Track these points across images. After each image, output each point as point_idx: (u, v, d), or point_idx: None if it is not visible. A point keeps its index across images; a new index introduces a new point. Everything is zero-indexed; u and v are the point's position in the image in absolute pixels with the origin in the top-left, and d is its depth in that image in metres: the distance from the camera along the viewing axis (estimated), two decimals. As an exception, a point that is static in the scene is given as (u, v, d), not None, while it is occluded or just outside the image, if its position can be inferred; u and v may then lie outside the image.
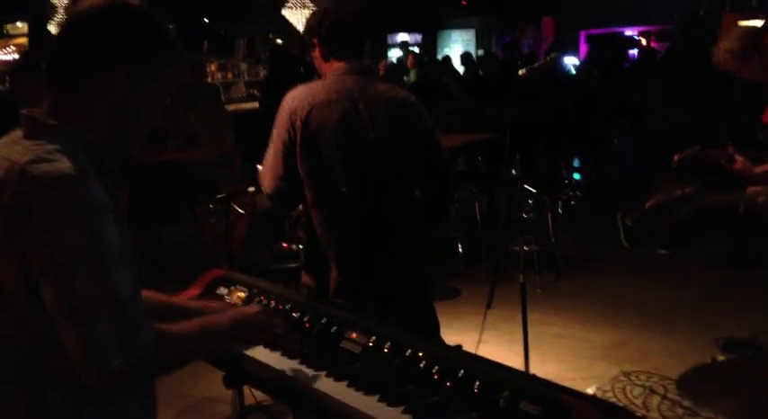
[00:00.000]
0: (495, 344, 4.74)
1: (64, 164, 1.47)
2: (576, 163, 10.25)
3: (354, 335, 2.04)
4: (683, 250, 6.82)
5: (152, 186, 6.29)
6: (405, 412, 1.70)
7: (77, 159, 1.50)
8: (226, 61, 13.18)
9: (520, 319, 4.13)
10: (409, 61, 12.53)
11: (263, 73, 12.27)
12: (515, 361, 3.75)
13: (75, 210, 1.44)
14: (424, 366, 1.84)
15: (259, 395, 3.76)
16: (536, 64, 4.91)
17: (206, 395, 4.38)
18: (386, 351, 1.94)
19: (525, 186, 5.03)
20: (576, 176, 10.00)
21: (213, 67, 12.52)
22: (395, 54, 16.74)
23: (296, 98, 2.83)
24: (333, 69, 2.87)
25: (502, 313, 4.93)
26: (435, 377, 1.80)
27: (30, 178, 1.45)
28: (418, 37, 17.80)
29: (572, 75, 11.38)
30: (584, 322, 5.40)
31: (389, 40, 17.95)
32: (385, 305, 2.76)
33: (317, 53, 2.92)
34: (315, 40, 2.89)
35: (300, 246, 3.29)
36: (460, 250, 6.65)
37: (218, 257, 5.13)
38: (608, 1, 17.36)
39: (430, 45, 17.88)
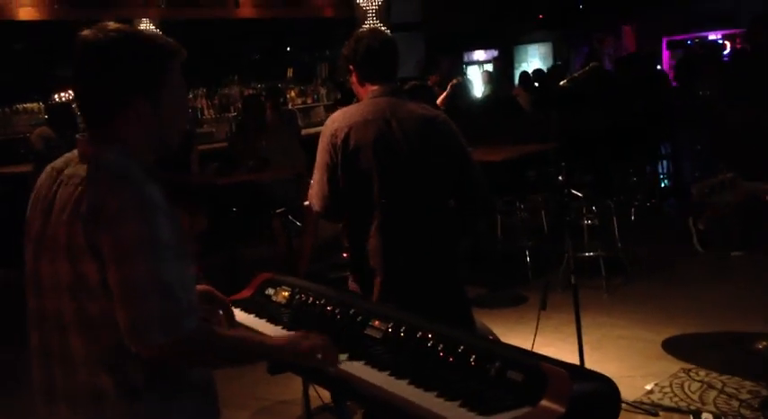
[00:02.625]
0: (556, 347, 4.88)
1: (125, 172, 1.76)
2: (660, 168, 10.21)
3: (377, 323, 2.28)
4: (758, 251, 6.75)
5: (229, 206, 6.68)
6: (410, 383, 1.94)
7: (134, 169, 1.78)
8: (306, 87, 13.57)
9: (581, 323, 4.28)
10: (484, 78, 12.75)
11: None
12: (572, 361, 3.88)
13: (134, 208, 1.71)
14: (431, 345, 2.08)
15: (325, 397, 4.02)
16: (576, 74, 5.07)
17: (279, 398, 4.66)
18: (402, 334, 2.18)
19: (572, 191, 5.15)
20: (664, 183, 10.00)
21: (293, 93, 12.94)
22: (473, 71, 16.96)
23: (335, 121, 3.12)
24: (368, 92, 3.14)
25: (567, 317, 5.07)
26: (441, 354, 2.04)
27: (99, 185, 1.74)
28: (495, 53, 17.90)
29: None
30: (648, 323, 5.45)
31: (466, 58, 18.14)
32: (424, 308, 2.97)
33: (353, 78, 3.20)
34: (351, 67, 3.18)
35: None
36: (528, 259, 6.81)
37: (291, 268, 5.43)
38: (689, 5, 17.10)
39: (507, 60, 17.97)
